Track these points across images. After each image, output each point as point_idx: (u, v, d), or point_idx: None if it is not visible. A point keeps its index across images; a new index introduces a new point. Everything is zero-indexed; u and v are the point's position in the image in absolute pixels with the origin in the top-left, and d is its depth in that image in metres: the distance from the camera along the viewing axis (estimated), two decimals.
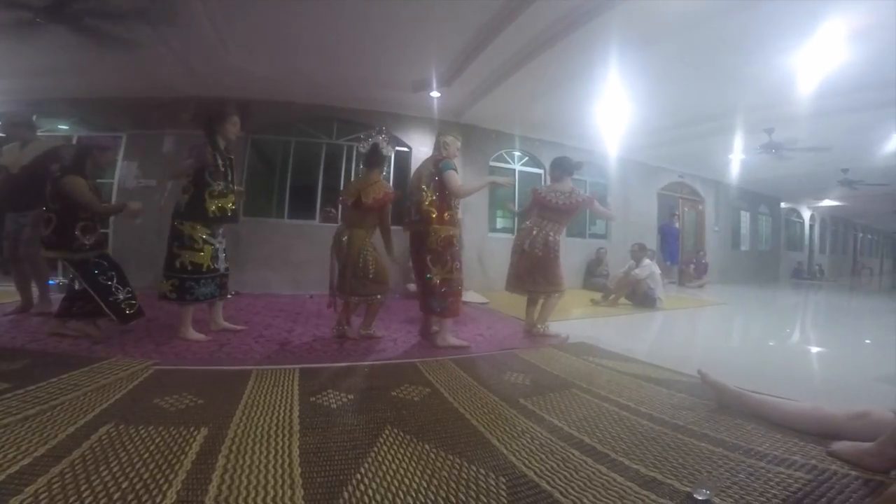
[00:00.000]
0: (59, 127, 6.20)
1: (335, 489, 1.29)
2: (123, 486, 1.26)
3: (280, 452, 1.51)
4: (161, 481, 1.29)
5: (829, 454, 1.53)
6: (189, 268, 3.09)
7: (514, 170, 7.95)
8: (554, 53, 4.58)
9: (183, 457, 1.45)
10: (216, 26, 4.40)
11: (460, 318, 3.58)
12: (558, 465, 1.47)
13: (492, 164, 7.59)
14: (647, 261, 6.07)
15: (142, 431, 1.63)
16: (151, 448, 1.50)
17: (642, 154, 8.93)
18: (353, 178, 6.18)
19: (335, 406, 1.99)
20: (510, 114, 6.81)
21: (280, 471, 1.39)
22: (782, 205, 14.50)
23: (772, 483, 1.36)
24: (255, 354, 2.85)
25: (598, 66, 4.90)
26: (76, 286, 3.10)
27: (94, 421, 1.71)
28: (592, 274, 8.25)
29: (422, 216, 3.26)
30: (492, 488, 1.32)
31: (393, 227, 3.48)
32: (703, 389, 2.17)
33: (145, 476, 1.31)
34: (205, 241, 3.13)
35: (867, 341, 4.45)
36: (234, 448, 1.52)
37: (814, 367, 3.39)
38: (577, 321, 4.75)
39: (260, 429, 1.70)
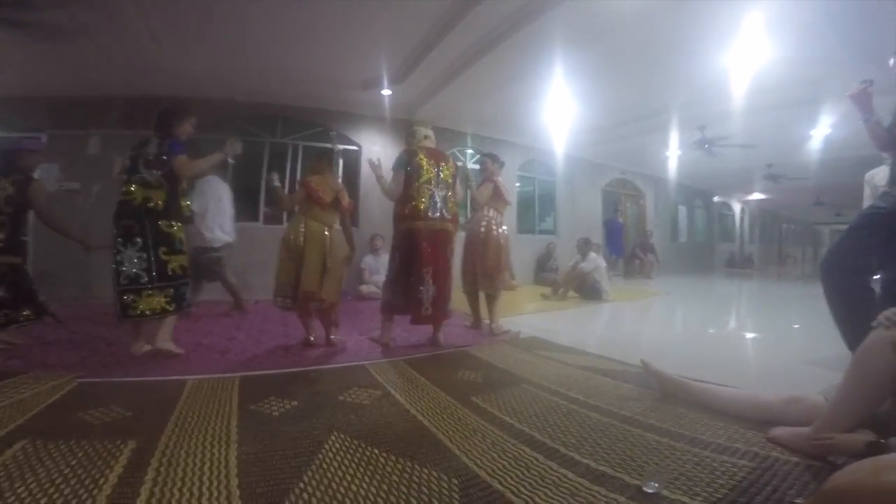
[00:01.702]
0: None
1: (276, 499, 1.23)
2: (42, 502, 1.17)
3: (215, 464, 1.42)
4: (84, 496, 1.20)
5: (768, 440, 1.56)
6: (180, 273, 2.82)
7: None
8: (501, 52, 4.63)
9: (108, 471, 1.34)
10: (147, 20, 4.09)
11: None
12: (510, 464, 1.45)
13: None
14: (592, 254, 6.27)
15: (62, 446, 1.50)
16: (73, 463, 1.39)
17: (587, 151, 9.24)
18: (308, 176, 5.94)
19: (277, 414, 1.90)
20: (461, 112, 6.82)
21: (215, 482, 1.31)
22: (715, 198, 15.45)
23: (717, 472, 1.37)
24: (190, 364, 2.69)
25: (542, 65, 5.01)
26: None
27: (7, 437, 1.58)
28: (543, 268, 8.43)
29: (451, 215, 3.19)
30: (444, 491, 1.29)
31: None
32: (649, 379, 2.20)
33: (66, 492, 1.22)
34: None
35: (796, 326, 4.75)
36: (164, 461, 1.43)
37: (750, 353, 3.59)
38: (528, 316, 4.82)
39: (194, 440, 1.60)
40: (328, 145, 6.61)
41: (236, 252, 5.34)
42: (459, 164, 3.50)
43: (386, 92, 5.97)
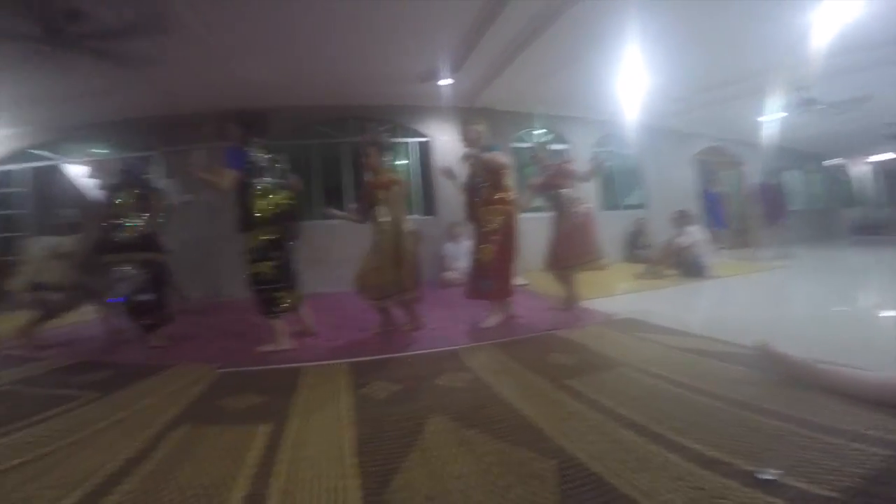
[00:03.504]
0: (100, 151, 6.49)
1: (386, 477, 1.34)
2: (202, 480, 1.37)
3: (334, 444, 1.58)
4: (235, 474, 1.40)
5: None
6: None
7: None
8: (565, 23, 4.43)
9: (250, 452, 1.56)
10: (217, 38, 4.48)
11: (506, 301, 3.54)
12: (610, 447, 1.43)
13: (514, 145, 7.44)
14: (691, 227, 5.83)
15: (212, 430, 1.76)
16: (222, 445, 1.62)
17: (671, 120, 8.61)
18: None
19: (382, 397, 2.05)
20: (526, 93, 6.65)
21: (336, 461, 1.46)
22: (829, 161, 13.61)
23: (847, 460, 1.24)
24: (307, 352, 2.97)
25: (613, 34, 4.71)
26: (147, 297, 3.31)
27: (171, 422, 1.87)
28: (634, 246, 8.00)
29: None
30: (540, 472, 1.32)
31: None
32: (765, 362, 2.02)
33: (221, 471, 1.43)
34: None
35: None
36: (293, 442, 1.62)
37: (891, 333, 3.07)
38: (622, 296, 4.61)
39: (316, 422, 1.79)
40: (357, 139, 6.80)
41: (329, 248, 5.69)
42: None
43: (444, 82, 5.98)
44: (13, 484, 1.40)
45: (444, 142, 6.88)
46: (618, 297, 4.58)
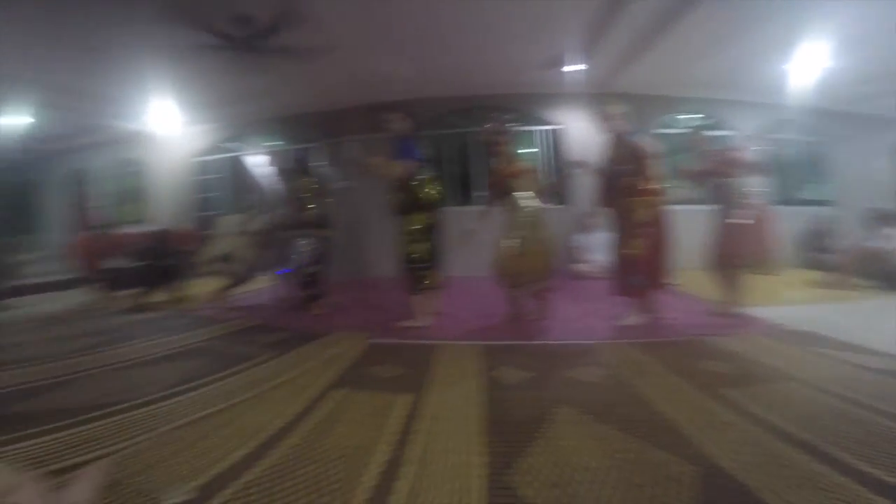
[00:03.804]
0: (274, 143, 7.52)
1: (510, 459, 1.38)
2: (352, 441, 1.55)
3: (466, 421, 1.67)
4: (378, 439, 1.55)
5: None
6: None
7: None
8: None
9: (391, 419, 1.71)
10: (358, 39, 4.84)
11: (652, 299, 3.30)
12: (766, 461, 1.32)
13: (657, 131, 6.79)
14: (891, 230, 4.75)
15: (362, 395, 1.97)
16: (369, 410, 1.81)
17: (862, 106, 6.98)
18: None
19: (512, 382, 2.10)
20: (675, 75, 5.99)
21: (466, 438, 1.54)
22: None
23: None
24: (443, 330, 3.14)
25: (783, 5, 4.01)
26: (314, 269, 3.83)
27: (330, 385, 2.12)
28: (814, 248, 6.77)
29: None
30: (678, 475, 1.26)
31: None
32: None
33: (367, 434, 1.59)
34: None
35: None
36: (430, 414, 1.75)
37: None
38: (796, 306, 3.95)
39: (450, 398, 1.91)
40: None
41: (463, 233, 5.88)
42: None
43: (577, 67, 5.66)
44: (201, 432, 1.66)
45: (577, 129, 6.61)
46: (790, 306, 3.93)
